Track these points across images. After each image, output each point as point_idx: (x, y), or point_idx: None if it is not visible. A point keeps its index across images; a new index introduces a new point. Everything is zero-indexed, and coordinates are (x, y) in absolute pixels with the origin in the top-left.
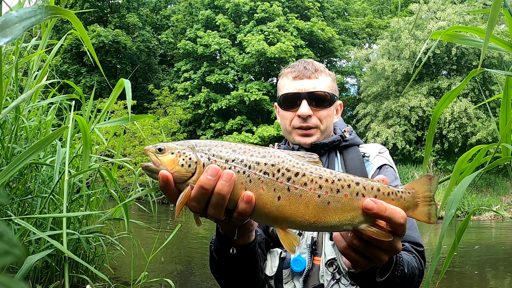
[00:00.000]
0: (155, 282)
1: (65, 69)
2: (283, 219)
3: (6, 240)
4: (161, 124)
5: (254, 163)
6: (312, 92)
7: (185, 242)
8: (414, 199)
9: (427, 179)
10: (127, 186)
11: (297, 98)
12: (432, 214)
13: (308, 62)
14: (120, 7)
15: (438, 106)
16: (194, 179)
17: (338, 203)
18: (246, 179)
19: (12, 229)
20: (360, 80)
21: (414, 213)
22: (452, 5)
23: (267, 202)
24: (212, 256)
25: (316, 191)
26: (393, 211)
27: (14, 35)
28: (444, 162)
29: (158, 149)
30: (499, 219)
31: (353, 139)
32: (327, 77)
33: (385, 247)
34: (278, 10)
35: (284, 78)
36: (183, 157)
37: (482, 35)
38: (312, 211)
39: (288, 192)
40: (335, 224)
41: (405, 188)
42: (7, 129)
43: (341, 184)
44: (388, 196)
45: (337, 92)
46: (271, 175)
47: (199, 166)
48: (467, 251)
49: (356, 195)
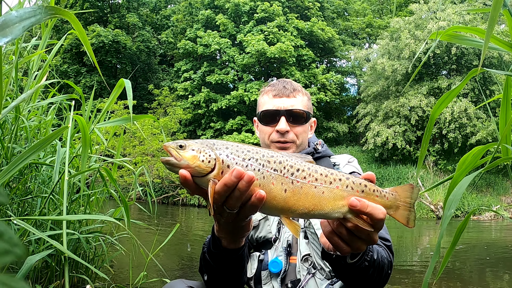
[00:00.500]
0: (154, 282)
1: (65, 69)
2: (288, 208)
3: (6, 240)
4: (161, 124)
5: (266, 162)
6: (290, 109)
7: (184, 242)
8: (396, 201)
9: (410, 187)
10: (127, 186)
11: (276, 115)
12: (410, 219)
13: (287, 82)
14: (120, 7)
15: (437, 106)
16: (214, 174)
17: (330, 193)
18: (261, 176)
19: (12, 229)
20: (360, 80)
21: (395, 214)
22: (452, 5)
23: (276, 195)
24: (204, 256)
25: (313, 183)
26: (374, 208)
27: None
28: (444, 162)
29: (179, 145)
30: (499, 219)
31: (325, 151)
32: (304, 96)
33: (364, 236)
34: (278, 10)
35: (265, 96)
36: (203, 153)
37: (482, 35)
38: (311, 200)
39: (292, 185)
40: (328, 211)
41: (389, 189)
42: (7, 129)
43: (333, 177)
44: (373, 192)
45: (312, 110)
46: (279, 172)
47: (218, 163)
48: (467, 251)
49: (346, 187)
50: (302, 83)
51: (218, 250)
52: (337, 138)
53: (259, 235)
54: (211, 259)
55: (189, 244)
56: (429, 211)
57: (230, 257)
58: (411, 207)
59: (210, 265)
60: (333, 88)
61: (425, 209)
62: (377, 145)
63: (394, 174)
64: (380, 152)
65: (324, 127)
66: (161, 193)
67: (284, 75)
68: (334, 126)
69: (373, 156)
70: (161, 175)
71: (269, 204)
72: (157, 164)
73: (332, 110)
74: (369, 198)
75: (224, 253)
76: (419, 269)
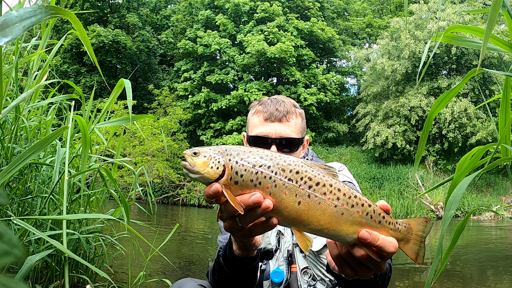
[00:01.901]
0: (154, 282)
1: (65, 69)
2: (300, 222)
3: (6, 240)
4: (161, 124)
5: (280, 170)
6: (282, 138)
7: (184, 242)
8: (408, 234)
9: (424, 221)
10: (127, 186)
11: (266, 142)
12: (420, 255)
13: (280, 102)
14: (120, 7)
15: (435, 106)
16: (223, 180)
17: (350, 216)
18: (272, 184)
19: (12, 229)
20: (360, 80)
21: (405, 247)
22: (452, 5)
23: (288, 206)
24: (219, 260)
25: (334, 202)
26: (385, 241)
27: (14, 35)
28: (444, 162)
29: (193, 152)
30: (499, 219)
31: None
32: (297, 118)
33: (372, 265)
34: (278, 10)
35: (255, 117)
36: (213, 160)
37: (481, 35)
38: (327, 218)
39: (308, 198)
40: (342, 234)
41: (403, 221)
42: (7, 129)
43: (356, 201)
44: (388, 224)
45: (305, 130)
46: (294, 182)
47: (227, 169)
48: (467, 251)
49: (366, 214)
50: (302, 83)
51: (233, 257)
52: (337, 138)
53: (260, 246)
54: (226, 264)
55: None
56: (429, 211)
57: (243, 267)
58: (421, 241)
59: (224, 270)
60: (333, 88)
61: (425, 209)
62: (377, 145)
63: (394, 174)
64: (380, 152)
65: (324, 127)
66: (161, 193)
67: (284, 75)
68: (334, 126)
69: (373, 156)
70: (161, 175)
71: (279, 213)
72: (157, 164)
73: (332, 110)
74: (383, 230)
75: (238, 261)
76: (419, 269)
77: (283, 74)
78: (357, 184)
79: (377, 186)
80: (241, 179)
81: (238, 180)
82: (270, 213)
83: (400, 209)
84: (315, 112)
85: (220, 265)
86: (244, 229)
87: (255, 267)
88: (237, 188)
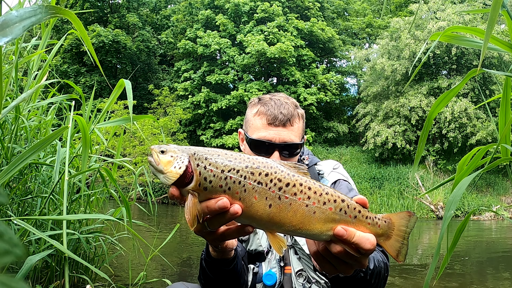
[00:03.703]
0: (154, 282)
1: (65, 69)
2: (272, 224)
3: (6, 240)
4: (161, 124)
5: (249, 174)
6: (285, 144)
7: (184, 242)
8: (389, 229)
9: (407, 215)
10: (127, 186)
11: (269, 147)
12: (401, 252)
13: (284, 104)
14: (120, 7)
15: (435, 105)
16: (191, 186)
17: (322, 214)
18: (241, 189)
19: (12, 229)
20: (360, 80)
21: (385, 243)
22: (452, 5)
23: (258, 210)
24: (201, 263)
25: (305, 201)
26: (362, 238)
27: (14, 34)
28: (444, 162)
29: (161, 150)
30: (499, 219)
31: (311, 161)
32: (300, 121)
33: (352, 261)
34: (278, 10)
35: (257, 119)
36: (178, 161)
37: (481, 36)
38: (299, 219)
39: (279, 200)
40: (316, 232)
41: (383, 216)
42: (7, 129)
43: (327, 197)
44: (365, 219)
45: (304, 131)
46: (264, 185)
47: (195, 174)
48: (467, 251)
49: (340, 210)
50: (302, 83)
51: (210, 259)
52: (337, 138)
53: (251, 248)
54: (207, 267)
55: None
56: (429, 211)
57: (221, 269)
58: (404, 238)
59: (206, 273)
60: (333, 88)
61: (425, 209)
62: (377, 145)
63: (394, 174)
64: (380, 152)
65: (324, 127)
66: (161, 193)
67: (284, 75)
68: (334, 126)
69: (373, 156)
70: None
71: (250, 217)
72: None
73: (332, 110)
74: (360, 225)
75: (215, 263)
76: (419, 269)
77: (283, 74)
78: (353, 182)
79: (377, 186)
80: (210, 185)
81: (207, 186)
82: (241, 218)
83: (400, 209)
84: (315, 112)
85: (203, 268)
86: (214, 234)
87: (234, 268)
88: (207, 194)
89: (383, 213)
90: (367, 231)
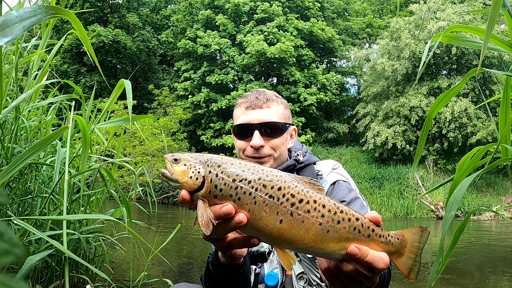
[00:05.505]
0: (154, 282)
1: (65, 69)
2: (282, 240)
3: (6, 240)
4: (161, 124)
5: (261, 186)
6: (263, 122)
7: (185, 242)
8: (402, 247)
9: (419, 230)
10: (127, 186)
11: (249, 129)
12: (413, 270)
13: (260, 92)
14: (120, 7)
15: (434, 105)
16: (202, 192)
17: (336, 233)
18: (252, 201)
19: (12, 229)
20: (360, 80)
21: (397, 261)
22: (452, 5)
23: (268, 224)
24: (208, 267)
25: (318, 219)
26: (375, 257)
27: (14, 35)
28: (444, 161)
29: (174, 159)
30: (499, 219)
31: (308, 159)
32: (279, 105)
33: (363, 279)
34: (278, 10)
35: (238, 109)
36: (193, 169)
37: (481, 35)
38: (312, 237)
39: (290, 216)
40: (329, 251)
41: (396, 233)
42: (7, 129)
43: (342, 216)
44: (379, 238)
45: (290, 119)
46: (275, 199)
47: (207, 181)
48: (467, 251)
49: (354, 229)
50: (302, 83)
51: (219, 264)
52: (337, 138)
53: (252, 249)
54: (214, 271)
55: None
56: (429, 211)
57: (230, 274)
58: (417, 255)
59: (213, 276)
60: (333, 88)
61: (425, 209)
62: (377, 145)
63: (394, 174)
64: (380, 152)
65: (324, 127)
66: (161, 193)
67: (284, 75)
68: (334, 126)
69: (373, 156)
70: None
71: (259, 231)
72: (157, 164)
73: (332, 110)
74: (374, 244)
75: (224, 268)
76: (420, 270)
77: (283, 74)
78: (353, 183)
79: (377, 186)
80: (220, 193)
81: (217, 194)
82: (249, 229)
83: (400, 209)
84: (315, 112)
85: (210, 272)
86: (222, 241)
87: (242, 273)
88: (216, 201)
89: (383, 213)
90: (380, 250)
